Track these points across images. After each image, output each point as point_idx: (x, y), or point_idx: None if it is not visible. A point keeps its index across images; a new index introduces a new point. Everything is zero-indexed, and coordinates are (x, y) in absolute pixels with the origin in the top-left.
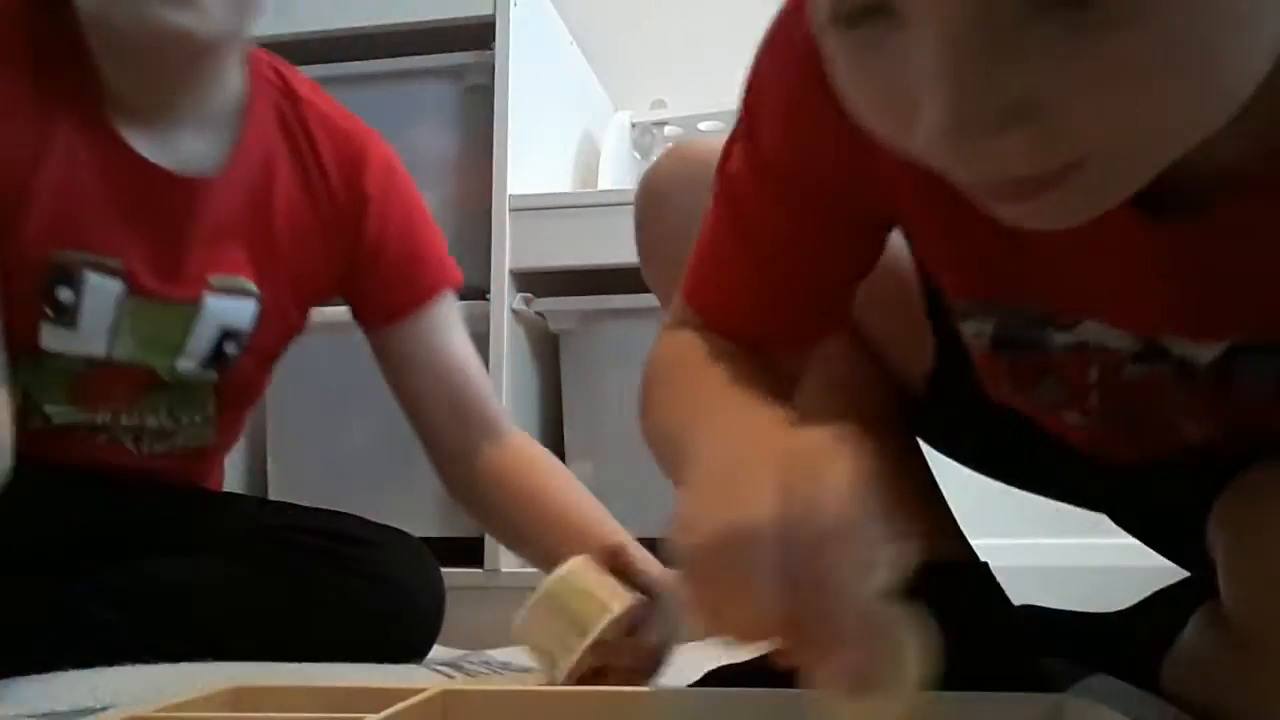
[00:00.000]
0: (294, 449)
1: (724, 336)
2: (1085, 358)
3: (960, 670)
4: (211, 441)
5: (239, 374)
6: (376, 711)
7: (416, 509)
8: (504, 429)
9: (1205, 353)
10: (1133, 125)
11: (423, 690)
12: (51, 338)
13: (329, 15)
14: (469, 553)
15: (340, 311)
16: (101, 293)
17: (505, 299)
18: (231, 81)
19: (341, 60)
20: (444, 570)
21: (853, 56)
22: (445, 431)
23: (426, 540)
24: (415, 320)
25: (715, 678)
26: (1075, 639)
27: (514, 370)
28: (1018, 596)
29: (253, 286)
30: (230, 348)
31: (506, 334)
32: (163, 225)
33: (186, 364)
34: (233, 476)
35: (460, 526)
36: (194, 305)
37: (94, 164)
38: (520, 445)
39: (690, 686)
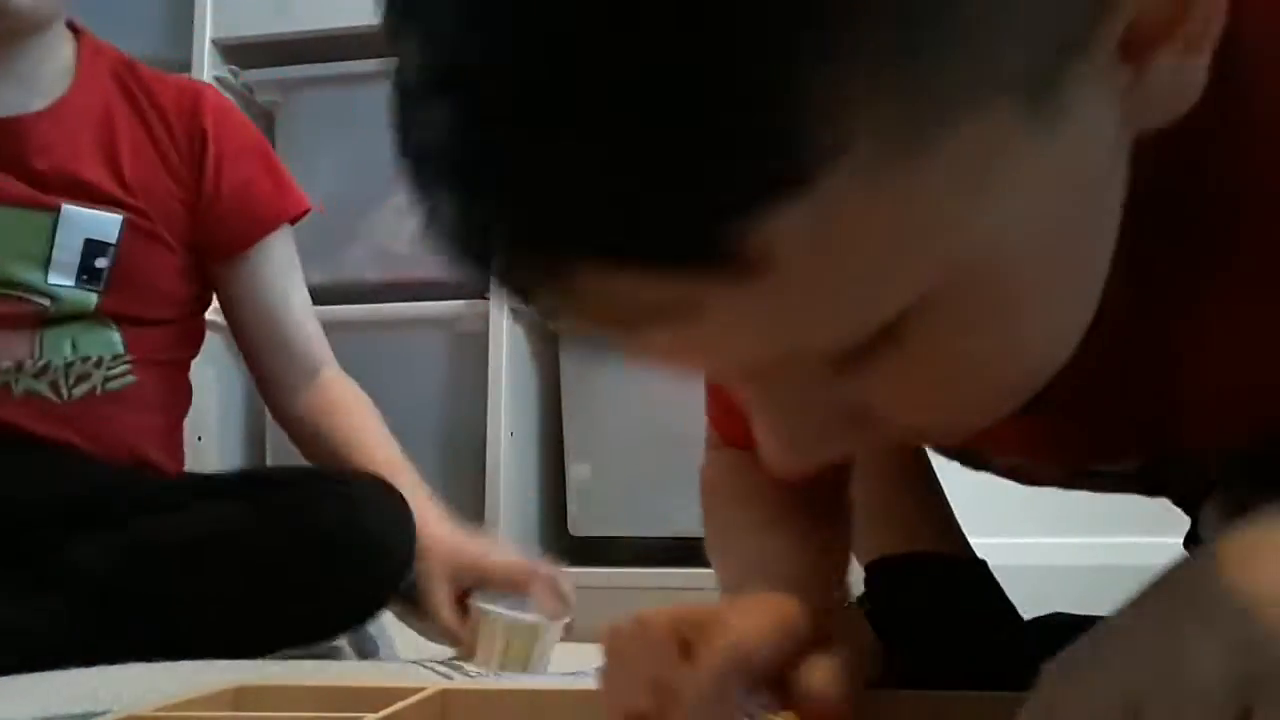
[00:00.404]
0: (294, 448)
1: (737, 448)
2: (1026, 473)
3: (959, 670)
4: (133, 381)
5: (127, 296)
6: (376, 711)
7: None
8: (323, 370)
9: (1127, 465)
10: (960, 411)
11: (422, 690)
12: None
13: (329, 15)
14: None
15: (339, 311)
16: None
17: (505, 298)
18: (56, 50)
19: (341, 60)
20: None
21: None
22: (271, 369)
23: None
24: (250, 256)
25: None
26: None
27: (514, 370)
28: (1017, 596)
29: (114, 208)
30: (102, 263)
31: (506, 334)
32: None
33: (60, 279)
34: None
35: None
36: (53, 212)
37: None
38: (332, 383)
39: None
